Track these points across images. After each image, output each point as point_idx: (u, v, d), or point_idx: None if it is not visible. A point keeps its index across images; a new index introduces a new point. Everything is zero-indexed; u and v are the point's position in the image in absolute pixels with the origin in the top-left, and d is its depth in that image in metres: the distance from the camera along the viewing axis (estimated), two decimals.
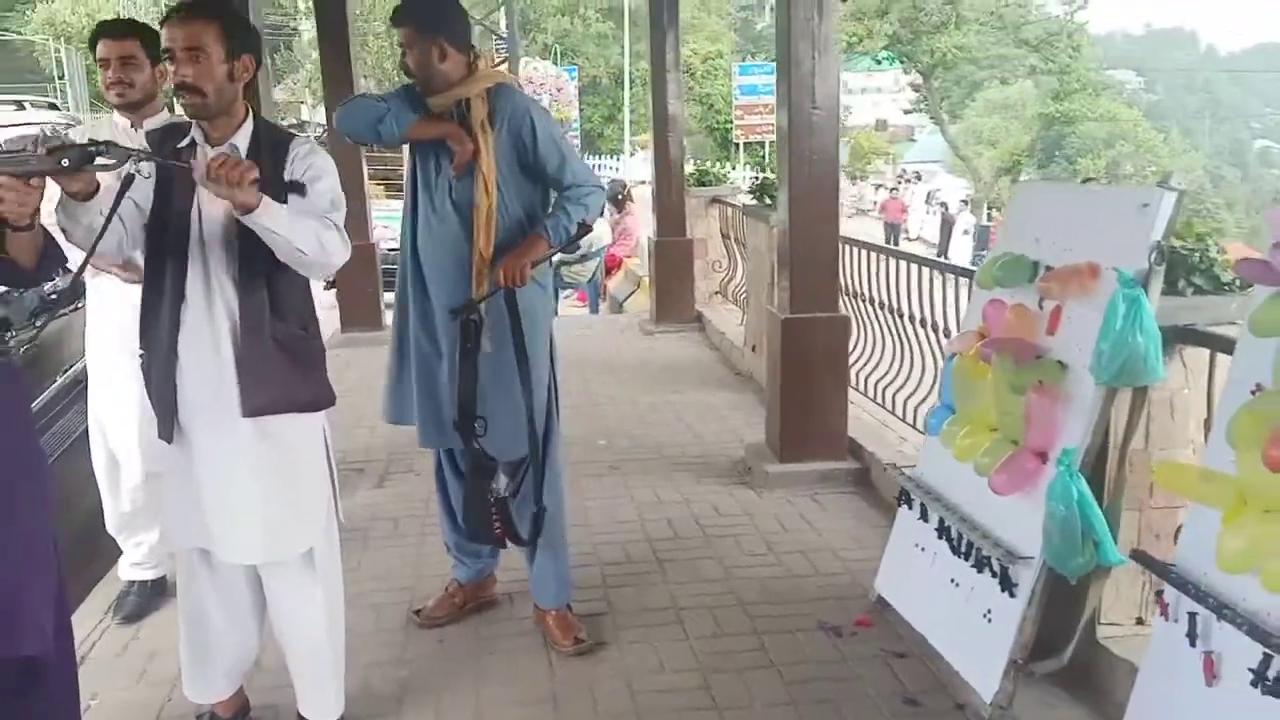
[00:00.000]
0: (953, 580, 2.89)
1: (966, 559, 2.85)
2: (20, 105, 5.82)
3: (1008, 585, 2.65)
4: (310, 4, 7.54)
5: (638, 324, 7.97)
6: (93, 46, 3.02)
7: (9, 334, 4.25)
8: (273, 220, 2.16)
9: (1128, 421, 2.56)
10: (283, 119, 43.35)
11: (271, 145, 2.34)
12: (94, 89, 24.55)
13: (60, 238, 2.15)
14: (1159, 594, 2.30)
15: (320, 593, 2.51)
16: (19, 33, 27.25)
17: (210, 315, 2.30)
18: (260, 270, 2.28)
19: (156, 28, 2.51)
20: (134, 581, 3.30)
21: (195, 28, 2.20)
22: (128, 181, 2.06)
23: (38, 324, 4.67)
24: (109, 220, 2.10)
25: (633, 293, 10.70)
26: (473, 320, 2.84)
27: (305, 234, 2.21)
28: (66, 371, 5.02)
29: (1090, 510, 2.42)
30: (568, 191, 2.90)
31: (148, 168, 2.14)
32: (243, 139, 2.31)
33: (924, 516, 3.10)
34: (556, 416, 3.13)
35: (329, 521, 2.53)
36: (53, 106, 6.38)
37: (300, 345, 2.38)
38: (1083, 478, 2.46)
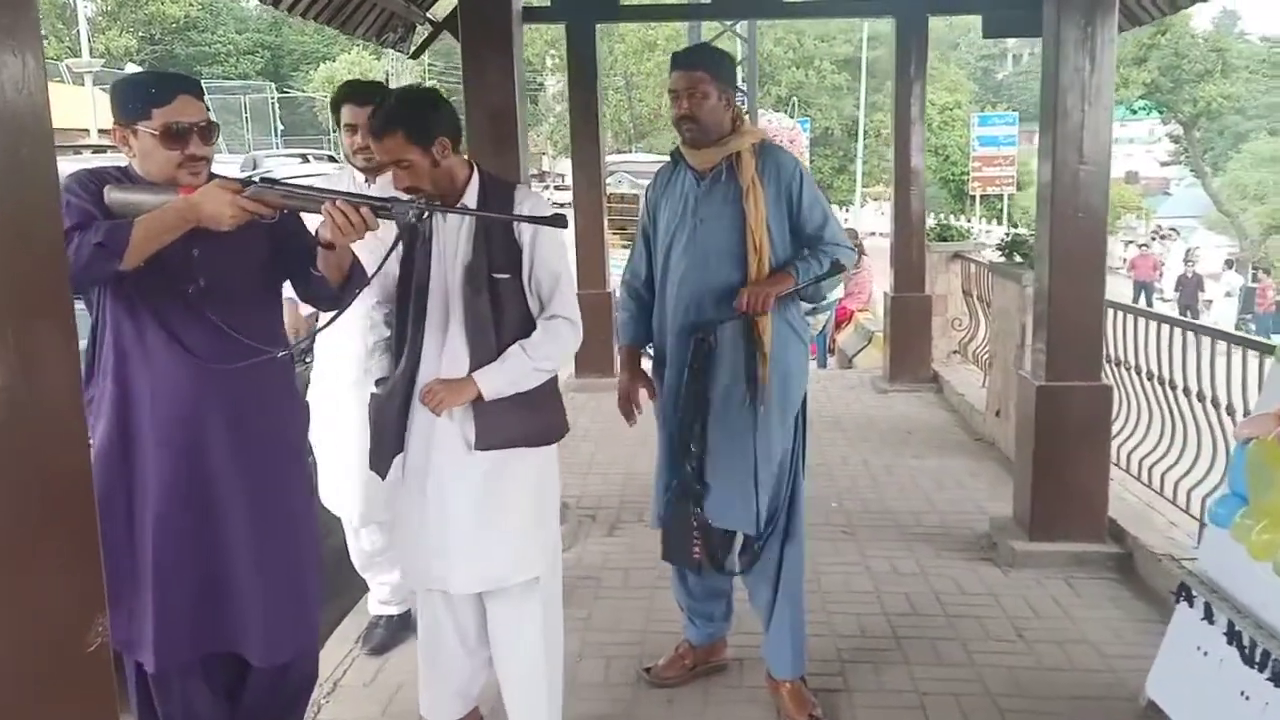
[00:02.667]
0: (1243, 693, 2.56)
1: (1262, 670, 2.52)
2: (305, 158, 6.35)
3: None
4: (558, 59, 7.89)
5: (870, 380, 7.74)
6: (336, 109, 3.10)
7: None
8: (504, 386, 2.41)
9: None
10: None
11: (498, 195, 2.50)
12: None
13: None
14: None
15: (540, 620, 2.59)
16: (302, 90, 30.13)
17: (444, 357, 2.45)
18: (487, 318, 2.43)
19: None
20: (381, 616, 3.45)
21: (389, 144, 2.34)
22: (408, 229, 2.25)
23: (307, 360, 5.05)
24: (388, 256, 2.32)
25: (864, 347, 10.44)
26: (705, 341, 2.80)
27: (533, 364, 2.44)
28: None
29: None
30: (824, 245, 2.87)
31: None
32: (471, 197, 2.47)
33: (1208, 617, 2.78)
34: (801, 481, 2.99)
35: (555, 553, 2.64)
36: (331, 159, 6.92)
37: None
38: None
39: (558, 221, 2.29)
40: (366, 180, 3.13)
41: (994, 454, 5.68)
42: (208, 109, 2.22)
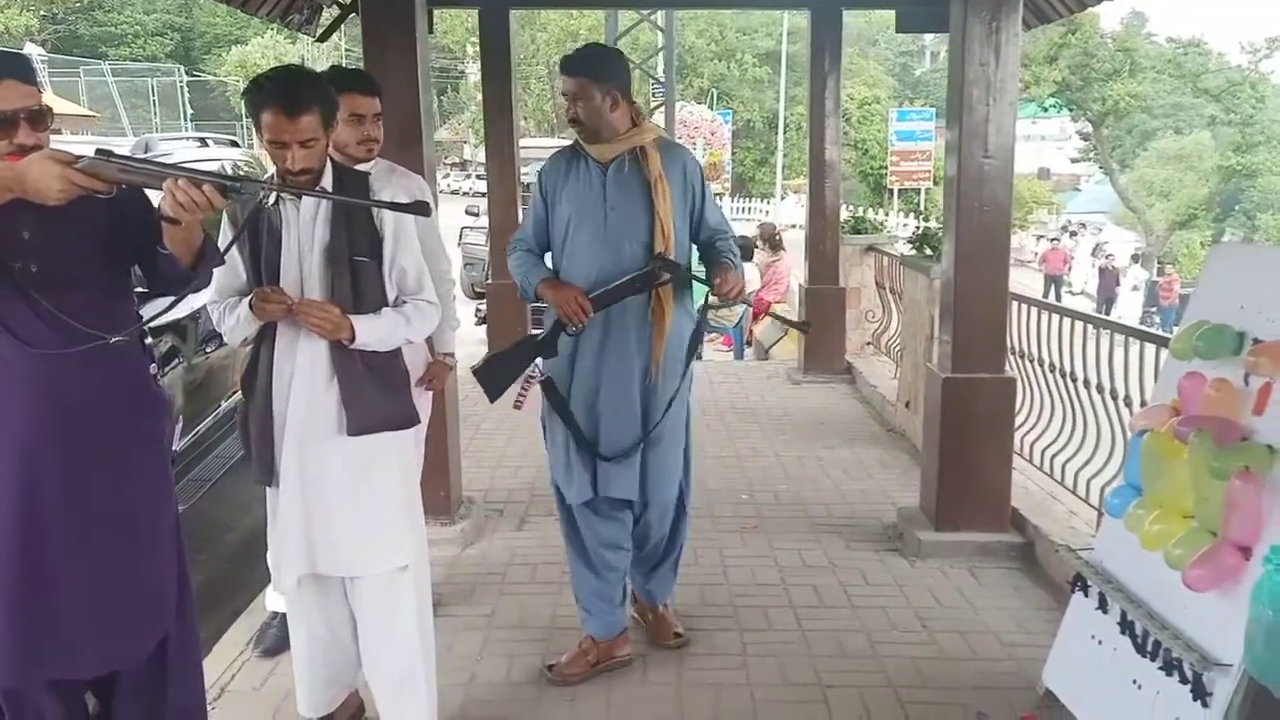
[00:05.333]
0: (1135, 682, 2.59)
1: (1153, 659, 2.55)
2: (203, 142, 6.11)
3: (1201, 694, 2.35)
4: (476, 48, 7.76)
5: (785, 372, 7.78)
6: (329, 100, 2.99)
7: (176, 361, 4.43)
8: (370, 339, 2.43)
9: None
10: (446, 158, 45.26)
11: (353, 181, 2.53)
12: None
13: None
14: None
15: (413, 611, 2.58)
16: (214, 74, 29.27)
17: (304, 345, 2.43)
18: (348, 301, 2.42)
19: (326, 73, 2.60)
20: (277, 613, 3.32)
21: (305, 122, 2.29)
22: (256, 210, 2.22)
23: (207, 350, 4.88)
24: (237, 236, 2.32)
25: (780, 339, 10.47)
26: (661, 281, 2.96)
27: (400, 332, 2.50)
28: (231, 396, 5.19)
29: None
30: (728, 237, 3.11)
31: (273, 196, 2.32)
32: (327, 181, 2.45)
33: (1103, 607, 2.82)
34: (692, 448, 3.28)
35: (421, 540, 2.64)
36: (234, 144, 6.69)
37: (388, 366, 2.53)
38: None
39: (419, 209, 2.25)
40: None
41: (904, 445, 5.73)
42: (40, 91, 2.07)
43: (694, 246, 3.14)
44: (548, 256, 3.13)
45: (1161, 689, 2.51)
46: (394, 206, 2.27)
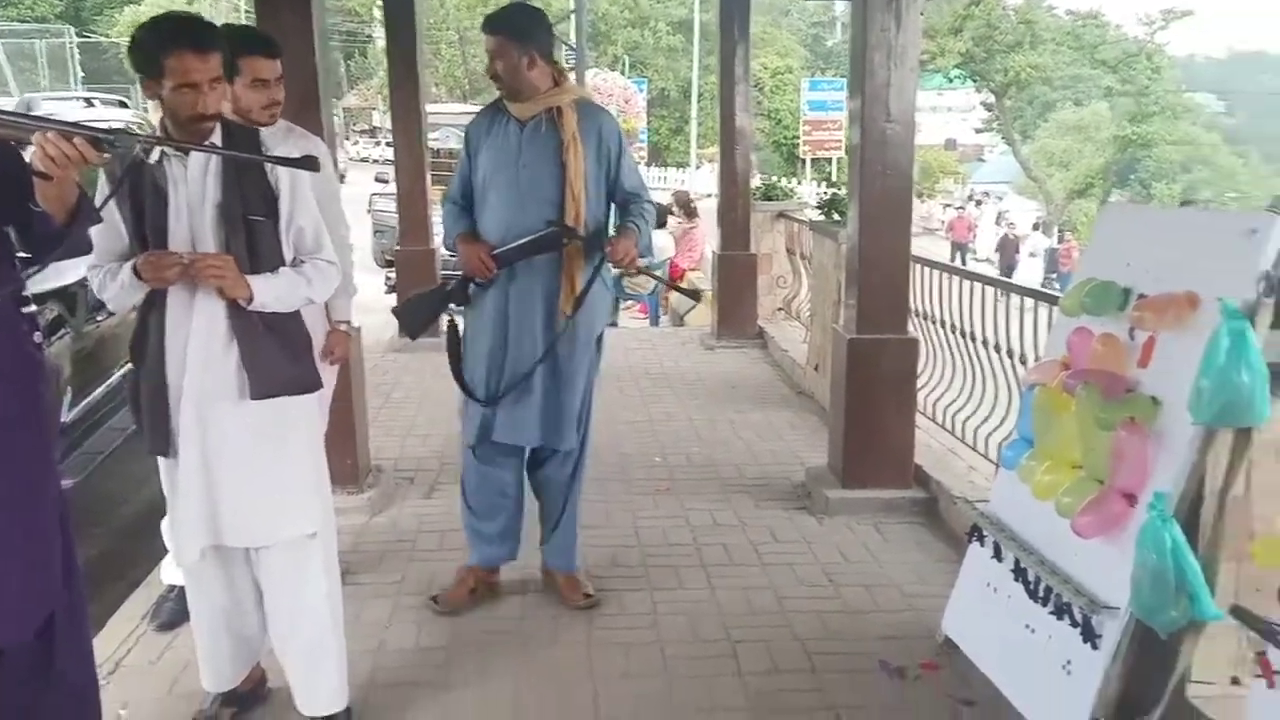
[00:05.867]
0: (1029, 626, 2.69)
1: (1045, 605, 2.65)
2: (89, 102, 5.86)
3: (1090, 636, 2.45)
4: (383, 13, 7.56)
5: (699, 338, 7.83)
6: (230, 64, 2.84)
7: (63, 331, 4.26)
8: (269, 299, 2.36)
9: (1228, 465, 2.35)
10: (355, 125, 44.23)
11: (243, 137, 2.43)
12: None
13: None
14: (1260, 654, 2.10)
15: (322, 580, 2.55)
16: (106, 35, 28.08)
17: (199, 307, 2.34)
18: (244, 261, 2.34)
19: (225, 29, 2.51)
20: (174, 586, 3.23)
21: (214, 61, 2.24)
22: (134, 165, 2.12)
23: (98, 319, 4.70)
24: (113, 193, 2.21)
25: (694, 306, 10.54)
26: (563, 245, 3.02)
27: (300, 291, 2.44)
28: (123, 366, 5.01)
29: (1185, 560, 2.22)
30: (644, 202, 3.17)
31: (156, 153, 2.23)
32: (216, 137, 2.36)
33: (998, 555, 2.91)
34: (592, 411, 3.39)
35: (328, 507, 2.59)
36: (122, 104, 6.42)
37: (289, 326, 2.47)
38: (1177, 524, 2.26)
39: (307, 164, 2.21)
40: None
41: (813, 407, 5.83)
42: None
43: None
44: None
45: (1053, 633, 2.60)
46: (280, 161, 2.21)
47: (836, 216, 6.08)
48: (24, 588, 2.10)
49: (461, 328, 3.27)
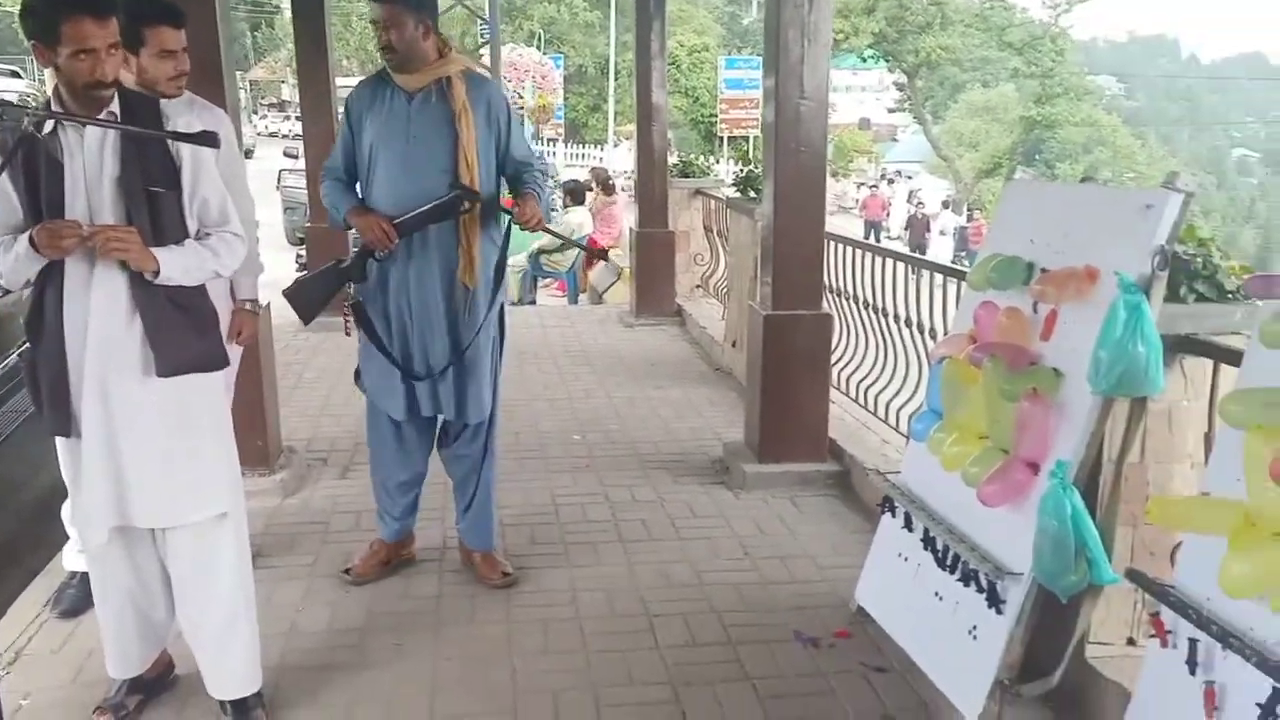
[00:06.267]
0: (937, 594, 2.77)
1: (952, 572, 2.73)
2: None
3: (995, 602, 2.53)
4: None
5: (617, 315, 7.83)
6: (134, 32, 2.73)
7: None
8: (176, 273, 2.29)
9: (1125, 433, 2.44)
10: (263, 99, 42.95)
11: (142, 109, 2.34)
12: None
13: None
14: (1154, 615, 2.19)
15: (229, 562, 2.50)
16: (2, 4, 26.81)
17: (99, 280, 2.27)
18: (147, 234, 2.27)
19: None
20: (76, 573, 3.13)
21: (113, 26, 2.18)
22: (24, 138, 2.01)
23: None
24: (3, 167, 2.11)
25: (613, 283, 10.53)
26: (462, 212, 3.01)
27: (208, 264, 2.36)
28: (21, 347, 4.81)
29: (1084, 526, 2.30)
30: (535, 168, 3.20)
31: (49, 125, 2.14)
32: (113, 108, 2.28)
33: (908, 526, 2.98)
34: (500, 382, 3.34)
35: (237, 487, 2.54)
36: (15, 74, 6.14)
37: (196, 302, 2.40)
38: (1077, 491, 2.34)
39: (206, 139, 2.17)
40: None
41: (731, 383, 5.88)
42: None
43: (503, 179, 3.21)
44: (359, 186, 3.14)
45: (960, 599, 2.68)
46: (178, 136, 2.13)
47: (753, 194, 6.12)
48: None
49: None
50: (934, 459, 2.90)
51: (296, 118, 28.12)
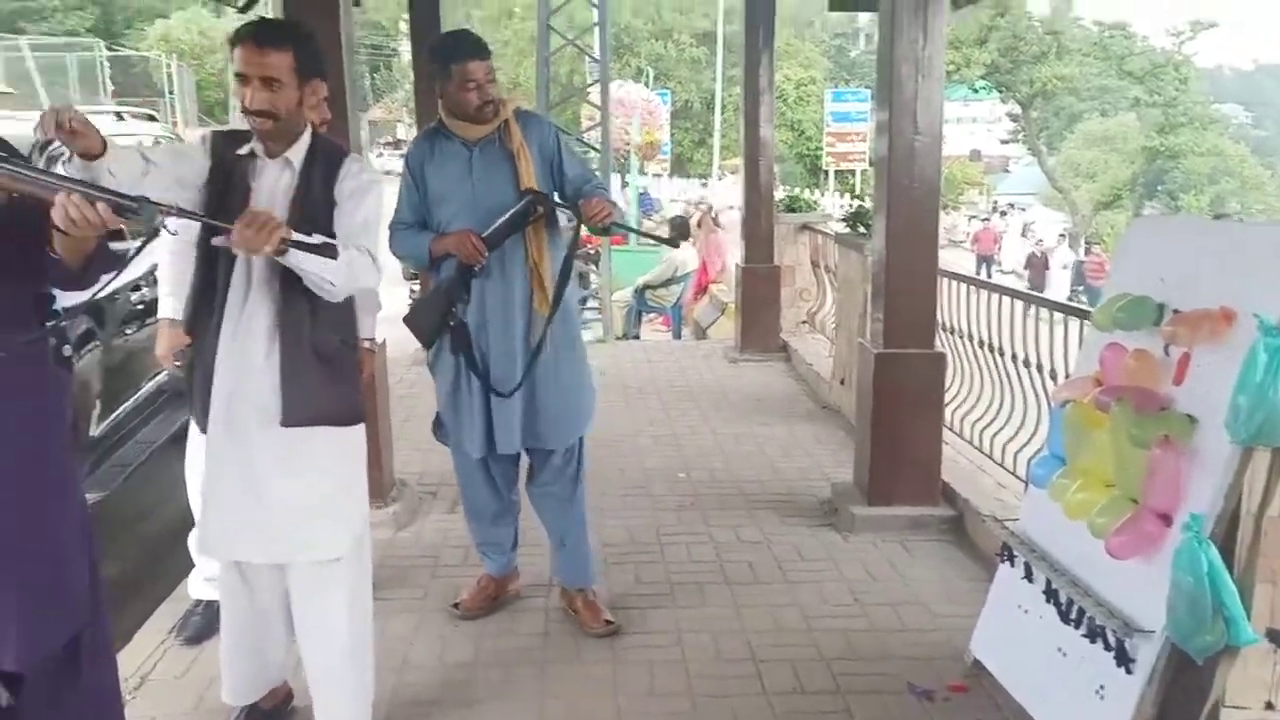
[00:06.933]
0: (1060, 649, 2.65)
1: (1077, 627, 2.61)
2: (119, 116, 5.91)
3: (1124, 660, 2.40)
4: (409, 27, 7.68)
5: (722, 351, 7.80)
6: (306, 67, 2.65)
7: (92, 344, 4.29)
8: (305, 259, 2.18)
9: (1265, 485, 2.30)
10: (380, 138, 44.52)
11: (326, 161, 2.41)
12: (203, 103, 25.49)
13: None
14: None
15: (343, 603, 2.51)
16: (136, 49, 28.44)
17: (252, 322, 2.33)
18: (301, 281, 2.28)
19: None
20: (201, 601, 3.24)
21: (270, 57, 2.25)
22: (153, 235, 2.05)
23: (127, 332, 4.73)
24: (131, 259, 2.09)
25: (718, 318, 10.52)
26: (537, 213, 3.05)
27: (335, 269, 2.23)
28: (154, 378, 5.04)
29: (1221, 582, 2.17)
30: (597, 185, 3.22)
31: (175, 223, 2.09)
32: (298, 153, 2.39)
33: (1028, 576, 2.87)
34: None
35: (363, 536, 2.56)
36: (150, 118, 6.48)
37: (339, 357, 2.42)
38: (1213, 546, 2.21)
39: (326, 251, 2.16)
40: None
41: (839, 421, 5.78)
42: None
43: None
44: None
45: (1086, 656, 2.56)
46: (303, 246, 2.12)
47: (862, 229, 6.03)
48: (49, 606, 2.11)
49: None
50: (1056, 507, 2.78)
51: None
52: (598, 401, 3.37)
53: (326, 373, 2.37)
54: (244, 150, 2.36)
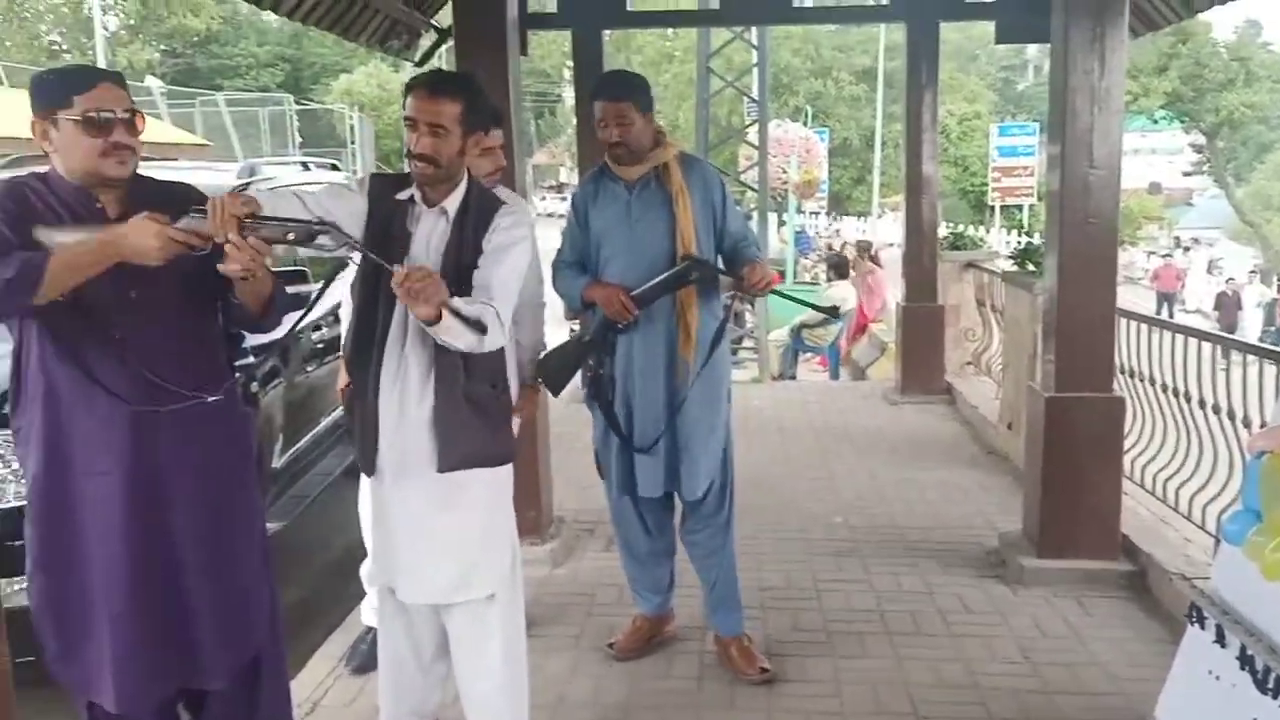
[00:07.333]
0: None
1: (1276, 698, 2.39)
2: (305, 166, 6.29)
3: None
4: (572, 74, 7.94)
5: (881, 392, 7.62)
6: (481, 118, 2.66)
7: (277, 380, 4.54)
8: (448, 335, 2.19)
9: None
10: (543, 181, 45.99)
11: (479, 210, 2.44)
12: (380, 151, 26.93)
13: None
14: None
15: (498, 640, 2.53)
16: (322, 102, 30.36)
17: (409, 368, 2.38)
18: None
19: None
20: (372, 629, 3.34)
21: (441, 105, 2.32)
22: (340, 267, 2.16)
23: (308, 369, 4.99)
24: (313, 304, 2.31)
25: (877, 359, 10.30)
26: (692, 280, 3.04)
27: (472, 333, 2.22)
28: (332, 413, 5.29)
29: None
30: (752, 245, 3.23)
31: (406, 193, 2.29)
32: (454, 202, 2.43)
33: (1220, 640, 2.65)
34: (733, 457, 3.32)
35: (513, 572, 2.58)
36: (334, 167, 6.87)
37: (490, 403, 2.45)
38: None
39: (478, 329, 2.22)
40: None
41: (1006, 467, 5.54)
42: (132, 100, 2.11)
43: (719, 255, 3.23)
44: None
45: None
46: (458, 315, 2.16)
47: (1031, 267, 5.81)
48: (233, 632, 2.24)
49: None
50: (1252, 566, 2.56)
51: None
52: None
53: (479, 418, 2.41)
54: (403, 195, 2.42)
